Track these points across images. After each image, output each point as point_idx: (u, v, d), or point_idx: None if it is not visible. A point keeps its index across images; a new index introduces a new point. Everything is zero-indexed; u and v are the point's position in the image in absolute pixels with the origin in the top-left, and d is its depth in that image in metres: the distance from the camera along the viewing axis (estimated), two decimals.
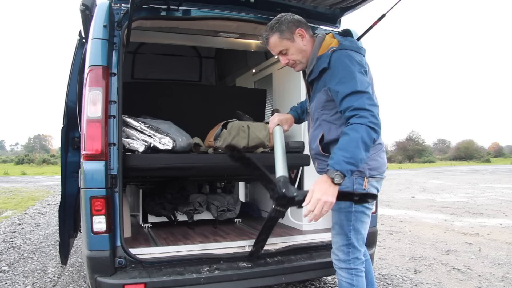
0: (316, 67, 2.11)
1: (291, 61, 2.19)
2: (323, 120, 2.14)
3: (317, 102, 2.16)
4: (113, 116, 2.40)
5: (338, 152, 1.81)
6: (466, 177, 20.43)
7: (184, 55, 5.43)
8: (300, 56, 2.17)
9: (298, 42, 2.14)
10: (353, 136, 1.80)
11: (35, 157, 39.25)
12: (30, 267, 4.24)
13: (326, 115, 2.13)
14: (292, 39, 2.13)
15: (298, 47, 2.14)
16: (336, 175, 1.78)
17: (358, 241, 2.16)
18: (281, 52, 2.18)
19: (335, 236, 2.20)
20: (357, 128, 1.81)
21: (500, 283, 3.78)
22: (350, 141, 1.80)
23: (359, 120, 1.82)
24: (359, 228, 2.15)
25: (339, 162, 1.78)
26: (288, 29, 2.12)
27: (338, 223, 2.16)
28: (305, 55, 2.17)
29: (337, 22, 3.13)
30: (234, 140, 3.09)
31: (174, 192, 3.52)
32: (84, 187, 2.30)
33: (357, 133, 1.80)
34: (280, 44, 2.15)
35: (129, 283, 2.30)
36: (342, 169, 1.78)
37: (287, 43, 2.14)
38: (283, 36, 2.12)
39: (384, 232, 6.20)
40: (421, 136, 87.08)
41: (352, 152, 1.78)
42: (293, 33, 2.12)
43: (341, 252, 2.17)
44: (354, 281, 2.15)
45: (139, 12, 2.55)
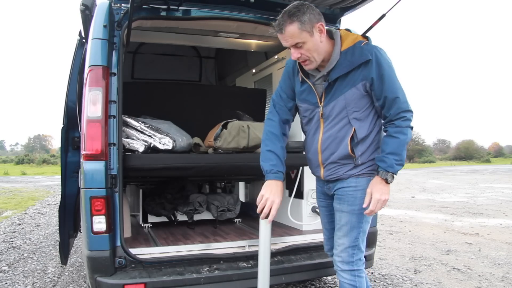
0: (347, 61, 1.98)
1: (304, 56, 1.98)
2: (353, 118, 2.03)
3: (347, 100, 2.01)
4: (113, 116, 2.40)
5: (390, 157, 1.96)
6: (466, 177, 20.43)
7: (184, 55, 5.43)
8: (315, 54, 1.97)
9: (317, 37, 1.95)
10: (402, 139, 1.96)
11: (35, 157, 39.25)
12: (30, 267, 4.24)
13: (356, 113, 2.03)
14: (312, 32, 1.92)
15: (316, 43, 1.95)
16: (389, 176, 1.97)
17: (363, 242, 2.17)
18: (296, 45, 1.95)
19: (342, 237, 2.15)
20: (403, 131, 1.97)
21: (500, 283, 3.78)
22: (400, 144, 1.96)
23: (405, 124, 1.97)
24: (366, 229, 2.17)
25: (392, 165, 1.96)
26: (310, 21, 1.91)
27: (348, 224, 2.12)
28: (320, 53, 1.98)
29: (337, 22, 3.13)
30: (234, 140, 3.09)
31: (174, 192, 3.52)
32: (84, 187, 2.30)
33: (405, 136, 1.97)
34: (299, 36, 1.92)
35: (129, 283, 2.30)
36: (395, 171, 1.97)
37: (306, 36, 1.92)
38: (304, 27, 1.90)
39: (384, 232, 6.20)
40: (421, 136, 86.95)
41: (401, 154, 1.96)
42: (314, 27, 1.92)
43: (346, 254, 2.15)
44: (357, 283, 2.14)
45: (139, 12, 2.55)
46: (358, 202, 2.08)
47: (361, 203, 2.06)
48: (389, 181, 1.97)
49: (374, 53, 1.98)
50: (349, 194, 2.11)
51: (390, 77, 1.99)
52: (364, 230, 2.15)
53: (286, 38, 1.96)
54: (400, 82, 2.03)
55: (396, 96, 1.97)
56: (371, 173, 2.08)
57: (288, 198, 3.35)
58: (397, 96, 1.97)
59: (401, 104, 1.97)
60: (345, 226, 2.13)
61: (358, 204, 2.08)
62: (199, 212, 3.56)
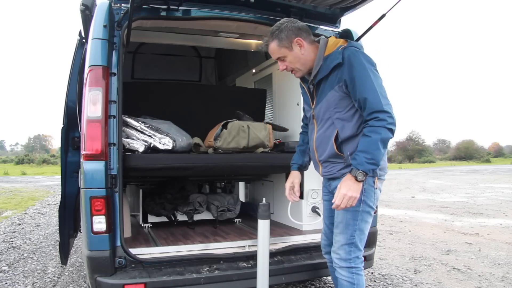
0: (326, 65, 2.14)
1: (289, 67, 2.24)
2: (337, 119, 2.14)
3: (328, 102, 2.16)
4: (113, 116, 2.40)
5: (360, 154, 1.97)
6: (466, 177, 20.43)
7: (184, 55, 5.43)
8: (298, 64, 2.21)
9: (296, 51, 2.18)
10: (373, 138, 1.95)
11: (35, 157, 39.25)
12: (30, 267, 4.24)
13: (339, 113, 2.13)
14: (290, 47, 2.17)
15: (296, 56, 2.19)
16: (359, 173, 1.97)
17: (361, 241, 2.19)
18: (279, 58, 2.24)
19: (338, 234, 2.21)
20: (376, 130, 1.95)
21: (500, 283, 3.78)
22: (371, 143, 1.95)
23: (378, 123, 1.95)
24: (363, 228, 2.18)
25: (362, 163, 1.96)
26: (287, 37, 2.16)
27: (343, 222, 2.18)
28: (304, 62, 2.21)
29: (337, 22, 3.13)
30: (234, 140, 3.09)
31: (174, 192, 3.52)
32: (84, 187, 2.31)
33: (377, 135, 1.95)
34: (278, 52, 2.20)
35: (129, 283, 2.30)
36: (365, 169, 1.96)
37: (285, 51, 2.19)
38: (282, 44, 2.17)
39: (384, 232, 6.20)
40: (421, 136, 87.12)
41: (373, 153, 1.95)
42: (292, 42, 2.16)
43: (343, 251, 2.18)
44: (355, 280, 2.17)
45: (139, 12, 2.55)
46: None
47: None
48: (359, 178, 1.97)
49: (347, 56, 2.07)
50: None
51: (361, 78, 2.02)
52: (360, 229, 2.16)
53: (271, 53, 2.26)
54: (376, 82, 2.02)
55: (365, 97, 2.00)
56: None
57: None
58: (366, 97, 1.99)
59: (372, 104, 1.98)
60: (341, 223, 2.19)
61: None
62: (199, 212, 3.56)
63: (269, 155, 3.22)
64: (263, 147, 3.21)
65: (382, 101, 1.97)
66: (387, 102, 2.00)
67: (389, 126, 1.96)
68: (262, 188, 4.09)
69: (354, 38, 2.99)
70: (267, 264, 2.35)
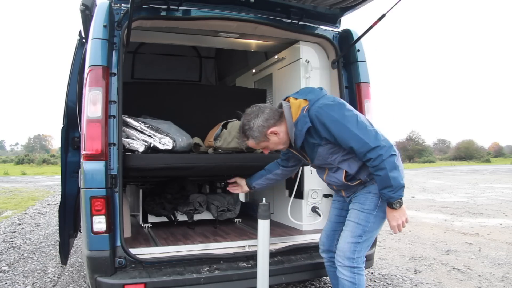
0: (299, 131, 2.20)
1: (274, 150, 2.39)
2: (339, 162, 2.22)
3: (323, 156, 2.23)
4: (113, 116, 2.40)
5: (384, 191, 2.06)
6: (466, 177, 20.42)
7: (184, 55, 5.42)
8: (280, 145, 2.34)
9: (273, 138, 2.29)
10: (383, 175, 2.03)
11: (35, 157, 39.23)
12: (30, 267, 4.24)
13: (338, 157, 2.21)
14: (267, 138, 2.29)
15: (275, 142, 2.31)
16: (395, 204, 2.08)
17: (367, 243, 2.22)
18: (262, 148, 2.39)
19: (347, 231, 2.23)
20: (381, 166, 2.02)
21: (500, 283, 3.78)
22: (384, 179, 2.03)
23: (377, 162, 2.02)
24: (372, 231, 2.22)
25: (391, 197, 2.05)
26: (260, 133, 2.27)
27: (355, 221, 2.21)
28: (284, 141, 2.32)
29: (337, 22, 3.13)
30: (234, 140, 3.09)
31: (174, 192, 3.51)
32: (84, 187, 2.30)
33: (384, 170, 2.02)
34: (258, 145, 2.34)
35: (129, 283, 2.30)
36: (396, 198, 2.06)
37: (264, 143, 2.32)
38: (258, 140, 2.30)
39: (384, 232, 6.20)
40: (421, 136, 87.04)
41: (392, 184, 2.02)
42: (267, 135, 2.28)
43: (347, 248, 2.19)
44: (356, 280, 2.17)
45: (139, 12, 2.56)
46: (368, 202, 2.19)
47: (370, 203, 2.18)
48: (397, 207, 2.08)
49: (314, 117, 2.14)
50: (361, 195, 2.24)
51: (338, 131, 2.09)
52: (370, 231, 2.20)
53: (253, 147, 2.40)
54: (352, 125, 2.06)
55: (351, 146, 2.07)
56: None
57: (288, 198, 3.35)
58: (351, 146, 2.07)
59: (360, 149, 2.05)
60: (352, 221, 2.23)
61: (368, 204, 2.19)
62: (199, 212, 3.56)
63: (269, 155, 3.21)
64: None
65: (366, 139, 2.04)
66: (370, 136, 2.05)
67: (387, 155, 2.02)
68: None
69: (354, 38, 2.99)
70: (267, 264, 2.35)
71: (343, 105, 2.17)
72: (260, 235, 2.38)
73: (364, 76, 3.03)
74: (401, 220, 2.11)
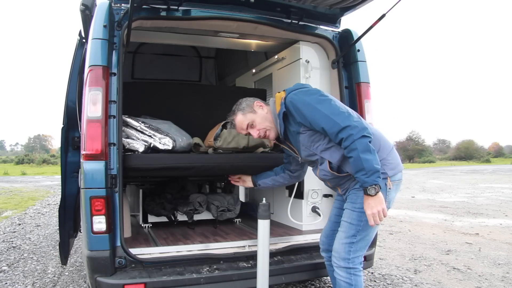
0: (280, 121, 2.29)
1: (262, 130, 2.38)
2: (321, 151, 2.23)
3: (304, 144, 2.27)
4: (113, 116, 2.40)
5: (357, 175, 2.03)
6: (466, 177, 20.42)
7: (184, 55, 5.43)
8: (267, 122, 2.37)
9: (260, 112, 2.37)
10: (355, 156, 2.00)
11: (35, 157, 39.22)
12: (30, 267, 4.24)
13: (320, 146, 2.23)
14: (254, 111, 2.37)
15: (262, 116, 2.36)
16: (370, 189, 2.01)
17: (363, 241, 2.20)
18: (248, 126, 2.39)
19: (341, 232, 2.23)
20: (351, 147, 2.01)
21: (500, 283, 3.78)
22: (356, 161, 2.00)
23: (348, 142, 2.01)
24: (367, 229, 2.19)
25: (364, 181, 2.00)
26: (247, 105, 2.39)
27: (348, 221, 2.20)
28: (271, 120, 2.37)
29: (337, 22, 3.13)
30: (234, 140, 3.09)
31: (174, 192, 3.52)
32: (84, 187, 2.30)
33: (355, 151, 1.99)
34: (246, 118, 2.38)
35: (129, 283, 2.30)
36: (370, 183, 1.99)
37: (251, 116, 2.37)
38: (245, 111, 2.38)
39: (384, 232, 6.20)
40: (421, 136, 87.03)
41: (364, 166, 1.98)
42: (253, 106, 2.38)
43: (342, 249, 2.19)
44: (352, 281, 2.16)
45: (139, 12, 2.56)
46: (359, 200, 2.15)
47: (361, 202, 2.12)
48: (372, 193, 2.00)
49: (288, 103, 2.21)
50: (354, 193, 2.22)
51: (310, 114, 2.13)
52: (364, 229, 2.17)
53: (240, 126, 2.43)
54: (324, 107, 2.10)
55: (322, 127, 2.10)
56: None
57: (288, 198, 3.36)
58: (322, 127, 2.10)
59: (330, 130, 2.07)
60: (346, 222, 2.21)
61: (359, 203, 2.15)
62: (199, 212, 3.56)
63: (269, 155, 3.22)
64: (263, 147, 3.21)
65: (337, 119, 2.05)
66: (342, 117, 2.06)
67: (358, 135, 2.00)
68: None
69: (354, 38, 2.99)
70: (267, 264, 2.35)
71: (318, 91, 2.24)
72: (260, 235, 2.38)
73: (364, 76, 3.03)
74: (377, 209, 2.01)
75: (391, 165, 2.20)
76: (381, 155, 2.15)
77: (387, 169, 2.17)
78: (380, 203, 2.02)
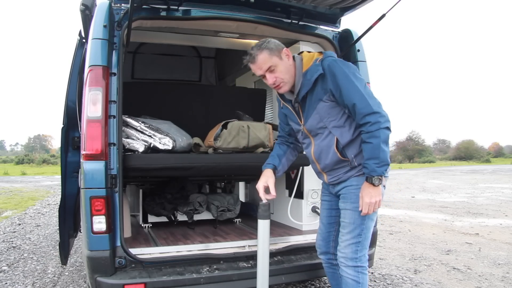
0: (307, 80, 2.17)
1: (279, 79, 2.19)
2: (333, 127, 2.17)
3: (320, 113, 2.17)
4: (113, 116, 2.40)
5: (369, 162, 2.01)
6: (466, 177, 20.42)
7: (184, 55, 5.43)
8: (288, 75, 2.19)
9: (286, 61, 2.19)
10: (375, 143, 1.98)
11: (35, 157, 39.22)
12: (30, 267, 4.24)
13: (334, 122, 2.17)
14: (280, 57, 2.18)
15: (286, 66, 2.19)
16: (375, 179, 2.01)
17: (367, 239, 2.22)
18: (269, 69, 2.17)
19: (346, 234, 2.22)
20: (374, 134, 1.98)
21: (500, 283, 3.78)
22: (374, 148, 1.99)
23: (374, 127, 1.99)
24: (370, 226, 2.22)
25: (374, 170, 2.00)
26: (276, 47, 2.17)
27: (352, 221, 2.20)
28: (292, 74, 2.21)
29: (337, 22, 3.13)
30: (234, 140, 3.09)
31: (174, 192, 3.52)
32: (84, 187, 2.30)
33: (377, 139, 1.98)
34: (270, 60, 2.15)
35: (129, 283, 2.30)
36: (378, 173, 2.00)
37: (276, 60, 2.16)
38: (273, 53, 2.15)
39: (384, 232, 6.20)
40: (421, 136, 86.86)
41: (380, 157, 1.99)
42: (281, 52, 2.18)
43: (350, 250, 2.20)
44: (360, 279, 2.18)
45: (139, 12, 2.56)
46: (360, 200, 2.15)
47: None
48: (376, 183, 2.02)
49: (327, 66, 2.12)
50: (351, 193, 2.20)
51: (346, 85, 2.06)
52: (368, 227, 2.20)
53: (260, 65, 2.18)
54: (360, 85, 2.05)
55: (353, 103, 2.03)
56: None
57: (288, 198, 3.36)
58: (354, 103, 2.03)
59: (361, 109, 2.01)
60: (349, 223, 2.21)
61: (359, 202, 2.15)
62: (199, 212, 3.56)
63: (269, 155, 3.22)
64: (263, 147, 3.21)
65: (370, 102, 2.01)
66: (375, 102, 2.04)
67: (385, 125, 1.99)
68: None
69: (354, 38, 2.99)
70: (267, 264, 2.35)
71: (355, 67, 2.18)
72: (260, 235, 2.37)
73: (364, 76, 3.02)
74: (375, 200, 2.04)
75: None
76: None
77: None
78: (379, 194, 2.06)
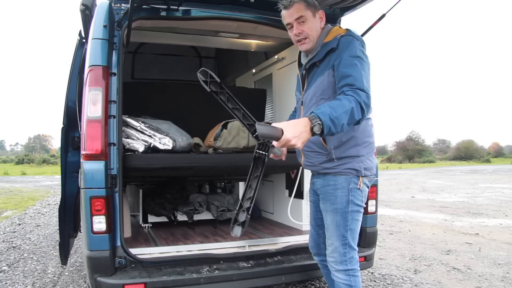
0: (322, 51, 2.11)
1: (305, 33, 2.11)
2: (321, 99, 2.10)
3: (316, 88, 2.12)
4: (113, 116, 2.40)
5: (327, 107, 1.80)
6: (466, 177, 20.42)
7: (184, 55, 5.43)
8: (314, 34, 2.13)
9: (317, 20, 2.15)
10: (345, 103, 1.82)
11: (35, 157, 39.24)
12: (30, 267, 4.24)
13: (324, 100, 2.06)
14: (315, 14, 2.13)
15: (315, 25, 2.14)
16: (317, 125, 1.74)
17: (354, 240, 2.16)
18: (299, 19, 2.10)
19: (330, 237, 2.17)
20: (351, 100, 1.85)
21: (500, 283, 3.78)
22: (341, 106, 1.81)
23: (355, 96, 1.86)
24: (354, 227, 2.15)
25: (325, 114, 1.76)
26: (313, 4, 2.13)
27: (334, 224, 2.14)
28: (317, 35, 2.15)
29: (337, 22, 3.13)
30: (234, 140, 3.09)
31: (174, 192, 3.52)
32: (84, 187, 2.31)
33: (350, 103, 1.83)
34: (304, 11, 2.09)
35: (129, 283, 2.30)
36: (325, 121, 1.75)
37: (309, 14, 2.10)
38: (309, 7, 2.10)
39: (384, 232, 6.20)
40: (421, 136, 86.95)
41: (339, 114, 1.78)
42: (317, 11, 2.14)
43: (337, 253, 2.15)
44: (352, 282, 2.14)
45: (139, 12, 2.56)
46: (339, 200, 2.11)
47: (342, 202, 2.09)
48: (314, 130, 1.74)
49: (342, 42, 2.03)
50: (329, 193, 2.14)
51: (349, 60, 1.97)
52: (352, 229, 2.13)
53: (292, 13, 2.10)
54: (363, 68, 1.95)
55: (350, 74, 1.93)
56: (349, 172, 2.09)
57: (288, 198, 3.36)
58: (351, 74, 1.93)
59: (353, 82, 1.90)
60: (331, 225, 2.15)
61: (339, 203, 2.10)
62: (199, 212, 3.56)
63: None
64: None
65: (365, 83, 1.92)
66: (368, 86, 1.95)
67: (363, 105, 1.86)
68: (262, 188, 4.10)
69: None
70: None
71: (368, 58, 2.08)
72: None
73: None
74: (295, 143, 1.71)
75: (367, 165, 2.14)
76: (362, 152, 2.11)
77: (361, 167, 2.11)
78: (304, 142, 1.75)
